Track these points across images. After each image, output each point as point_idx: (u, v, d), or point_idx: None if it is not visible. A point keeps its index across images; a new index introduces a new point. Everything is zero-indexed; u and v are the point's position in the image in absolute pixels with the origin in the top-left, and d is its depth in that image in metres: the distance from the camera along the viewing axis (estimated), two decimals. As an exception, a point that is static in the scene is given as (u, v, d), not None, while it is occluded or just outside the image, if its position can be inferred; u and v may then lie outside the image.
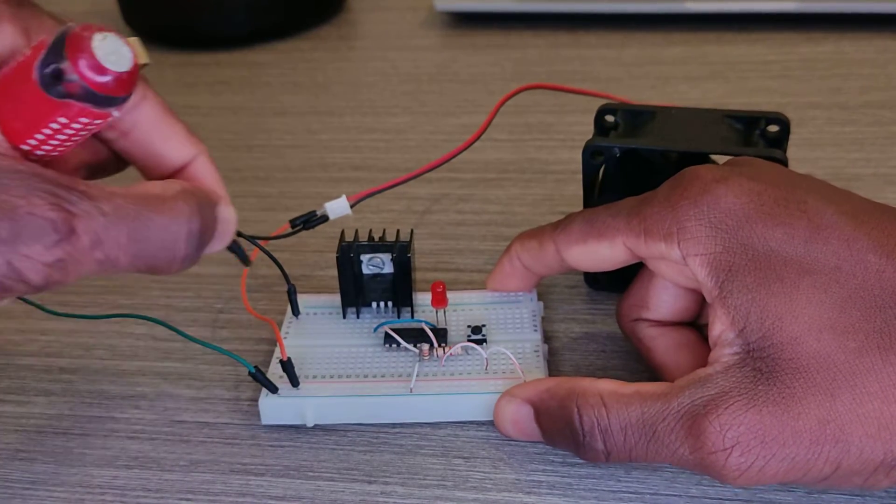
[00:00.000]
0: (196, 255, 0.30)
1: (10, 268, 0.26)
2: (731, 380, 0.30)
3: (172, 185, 0.30)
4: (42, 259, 0.26)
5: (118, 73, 0.26)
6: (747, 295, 0.30)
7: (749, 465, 0.29)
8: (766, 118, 0.40)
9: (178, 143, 0.32)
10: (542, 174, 0.52)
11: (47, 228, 0.26)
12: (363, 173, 0.54)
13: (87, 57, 0.26)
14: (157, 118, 0.31)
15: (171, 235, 0.29)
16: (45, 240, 0.26)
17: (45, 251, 0.26)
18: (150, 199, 0.29)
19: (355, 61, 0.69)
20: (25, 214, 0.25)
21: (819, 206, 0.31)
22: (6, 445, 0.37)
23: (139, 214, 0.28)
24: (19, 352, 0.42)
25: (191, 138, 0.32)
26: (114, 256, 0.28)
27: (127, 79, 0.27)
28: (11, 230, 0.25)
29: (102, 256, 0.27)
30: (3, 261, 0.26)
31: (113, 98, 0.27)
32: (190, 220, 0.29)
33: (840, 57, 0.62)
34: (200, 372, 0.40)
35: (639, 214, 0.34)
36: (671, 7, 0.67)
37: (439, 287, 0.38)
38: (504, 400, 0.35)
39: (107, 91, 0.26)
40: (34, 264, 0.26)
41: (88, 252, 0.27)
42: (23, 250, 0.26)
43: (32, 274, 0.26)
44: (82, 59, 0.26)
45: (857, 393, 0.28)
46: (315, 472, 0.35)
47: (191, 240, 0.30)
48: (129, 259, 0.28)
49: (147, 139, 0.32)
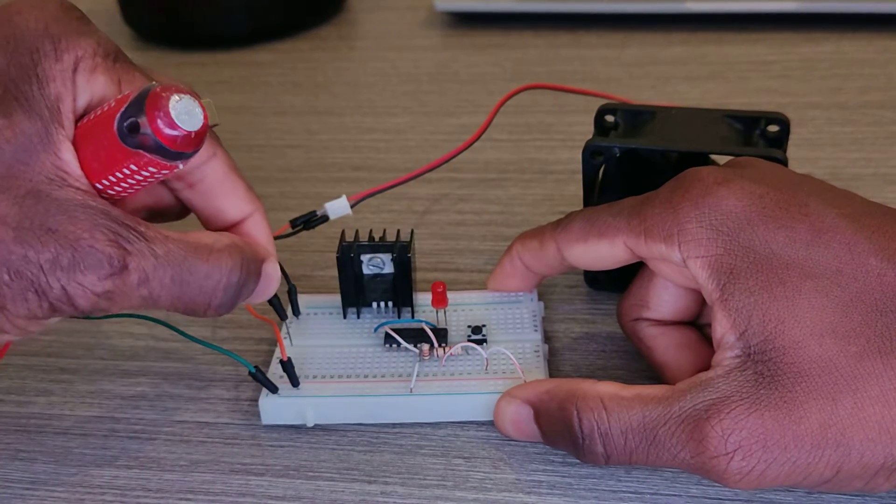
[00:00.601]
0: (231, 305, 0.33)
1: (63, 292, 0.28)
2: (732, 384, 0.30)
3: (223, 238, 0.33)
4: (93, 288, 0.29)
5: (188, 131, 0.29)
6: (749, 298, 0.30)
7: (750, 469, 0.29)
8: (766, 118, 0.40)
9: (238, 200, 0.35)
10: (542, 174, 0.52)
11: (103, 262, 0.28)
12: (363, 173, 0.54)
13: (163, 115, 0.28)
14: (223, 175, 0.34)
15: (211, 283, 0.31)
16: (99, 272, 0.28)
17: (98, 282, 0.29)
18: (200, 247, 0.31)
19: (355, 61, 0.69)
20: (87, 247, 0.28)
21: (820, 209, 0.31)
22: (6, 445, 0.37)
23: (186, 260, 0.31)
24: (19, 352, 0.42)
25: (250, 196, 0.35)
26: (156, 295, 0.30)
27: (195, 138, 0.29)
28: (72, 259, 0.28)
29: (147, 293, 0.30)
30: (58, 285, 0.28)
31: (181, 153, 0.29)
32: (231, 273, 0.32)
33: (840, 57, 0.62)
34: (200, 372, 0.40)
35: (640, 214, 0.34)
36: (671, 7, 0.67)
37: (439, 287, 0.38)
38: (504, 400, 0.35)
39: (176, 146, 0.29)
40: (85, 292, 0.29)
41: (135, 288, 0.29)
42: (78, 278, 0.28)
43: (82, 300, 0.29)
44: (158, 117, 0.28)
45: (858, 397, 0.28)
46: (315, 472, 0.35)
47: (227, 290, 0.32)
48: (169, 299, 0.31)
49: (210, 193, 0.34)
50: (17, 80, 0.29)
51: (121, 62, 0.32)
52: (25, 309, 0.29)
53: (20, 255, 0.28)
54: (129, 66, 0.32)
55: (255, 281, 0.34)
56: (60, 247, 0.28)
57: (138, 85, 0.31)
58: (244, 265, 0.33)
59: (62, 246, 0.28)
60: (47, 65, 0.30)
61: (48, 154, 0.29)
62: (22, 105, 0.29)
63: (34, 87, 0.29)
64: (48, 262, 0.28)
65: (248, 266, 0.33)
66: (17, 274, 0.28)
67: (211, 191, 0.34)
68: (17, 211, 0.28)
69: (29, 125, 0.29)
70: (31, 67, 0.29)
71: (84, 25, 0.31)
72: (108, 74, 0.31)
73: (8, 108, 0.29)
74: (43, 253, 0.28)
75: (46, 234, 0.28)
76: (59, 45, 0.30)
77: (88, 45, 0.31)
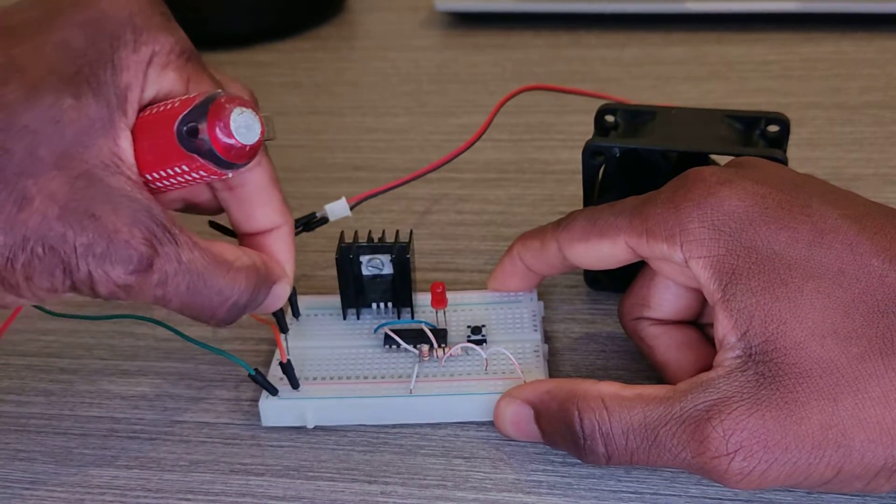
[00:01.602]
0: (233, 321, 0.33)
1: (88, 276, 0.29)
2: (733, 384, 0.30)
3: (245, 257, 0.33)
4: (116, 279, 0.29)
5: (243, 144, 0.30)
6: (751, 299, 0.30)
7: (751, 469, 0.29)
8: (766, 118, 0.40)
9: (272, 211, 0.35)
10: (542, 174, 0.52)
11: (133, 258, 0.29)
12: (363, 173, 0.54)
13: (222, 126, 0.29)
14: (264, 184, 0.35)
15: (220, 299, 0.32)
16: (126, 266, 0.29)
17: (122, 275, 0.29)
18: (221, 262, 0.32)
19: (356, 61, 0.69)
20: (122, 241, 0.29)
21: (823, 210, 0.31)
22: (6, 445, 0.37)
23: (205, 271, 0.31)
24: (19, 352, 0.42)
25: (284, 209, 0.36)
26: (169, 297, 0.31)
27: (249, 151, 0.30)
28: (105, 249, 0.29)
29: (161, 294, 0.31)
30: (86, 269, 0.29)
31: (233, 164, 0.30)
32: (241, 294, 0.33)
33: (840, 57, 0.62)
34: (200, 372, 0.40)
35: (641, 214, 0.34)
36: (671, 7, 0.67)
37: (439, 288, 0.38)
38: (504, 401, 0.35)
39: (229, 157, 0.30)
40: (109, 281, 0.29)
41: (153, 287, 0.30)
42: (106, 267, 0.29)
43: (102, 288, 0.30)
44: (217, 126, 0.29)
45: (859, 398, 0.28)
46: (315, 473, 0.35)
47: (232, 309, 0.33)
48: (179, 304, 0.31)
49: (248, 199, 0.35)
50: (94, 64, 0.30)
51: (193, 62, 0.33)
52: (49, 283, 0.29)
53: (59, 234, 0.28)
54: (201, 68, 0.33)
55: (262, 299, 0.34)
56: (98, 235, 0.29)
57: (205, 87, 0.32)
58: (256, 288, 0.33)
59: (100, 234, 0.29)
60: (124, 54, 0.30)
61: (108, 140, 0.30)
62: (93, 88, 0.30)
63: (108, 72, 0.30)
64: (83, 246, 0.29)
65: (260, 288, 0.34)
66: (51, 250, 0.29)
67: (249, 197, 0.35)
68: (67, 190, 0.29)
69: (95, 109, 0.29)
70: (109, 53, 0.30)
71: (166, 21, 0.32)
72: (178, 72, 0.32)
73: (79, 90, 0.29)
74: (81, 236, 0.29)
75: (89, 219, 0.29)
76: (139, 36, 0.31)
77: (167, 41, 0.32)
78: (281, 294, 0.35)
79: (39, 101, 0.29)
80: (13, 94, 0.28)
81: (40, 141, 0.28)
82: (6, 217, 0.28)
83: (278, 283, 0.35)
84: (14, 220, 0.28)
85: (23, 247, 0.28)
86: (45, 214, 0.28)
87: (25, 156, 0.28)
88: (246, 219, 0.35)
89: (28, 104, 0.28)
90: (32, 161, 0.28)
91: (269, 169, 0.35)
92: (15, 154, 0.28)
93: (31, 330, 0.43)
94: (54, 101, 0.29)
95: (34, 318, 0.42)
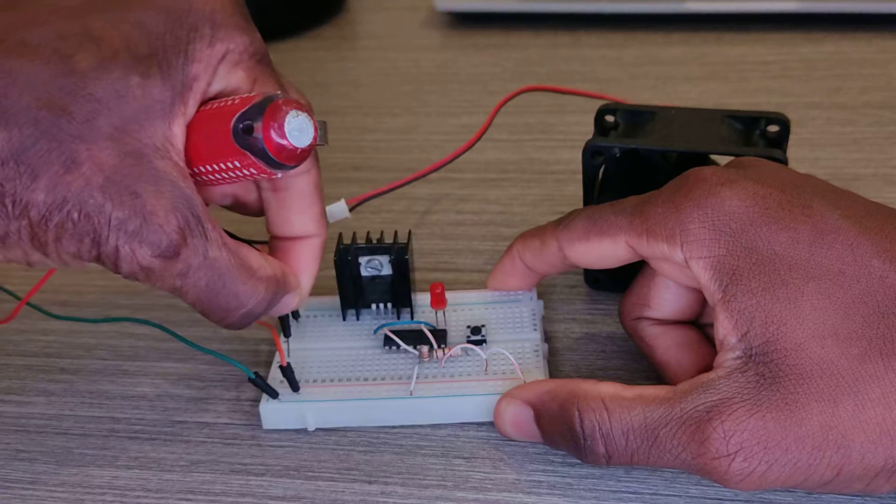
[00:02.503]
0: (242, 327, 0.34)
1: (115, 251, 0.29)
2: (733, 385, 0.30)
3: (268, 267, 0.34)
4: (141, 260, 0.30)
5: (295, 147, 0.30)
6: (752, 299, 0.30)
7: (752, 470, 0.29)
8: (766, 118, 0.40)
9: (310, 220, 0.36)
10: (542, 174, 0.52)
11: (162, 242, 0.30)
12: (364, 173, 0.54)
13: (277, 127, 0.30)
14: (308, 192, 0.35)
15: (235, 303, 0.32)
16: (154, 249, 0.30)
17: (148, 256, 0.30)
18: (245, 267, 0.32)
19: (356, 61, 0.69)
20: (156, 223, 0.29)
21: (823, 210, 0.31)
22: (6, 445, 0.37)
23: (227, 273, 0.32)
24: (19, 352, 0.42)
25: (321, 220, 0.36)
26: (186, 290, 0.31)
27: (300, 154, 0.31)
28: (138, 227, 0.29)
29: (180, 284, 0.31)
30: (115, 243, 0.29)
31: (283, 164, 0.31)
32: (256, 304, 0.33)
33: (840, 57, 0.62)
34: (200, 372, 0.40)
35: (642, 214, 0.34)
36: (671, 7, 0.67)
37: (438, 288, 0.38)
38: (504, 401, 0.35)
39: (280, 157, 0.30)
40: (133, 260, 0.30)
41: (174, 276, 0.31)
42: (134, 245, 0.29)
43: (125, 264, 0.30)
44: (272, 127, 0.30)
45: (859, 399, 0.28)
46: (315, 473, 0.35)
47: (245, 317, 0.33)
48: (193, 297, 0.32)
49: (290, 203, 0.35)
50: (168, 49, 0.31)
51: (263, 64, 0.33)
52: (76, 248, 0.29)
53: (98, 203, 0.29)
54: (269, 70, 0.34)
55: (272, 307, 0.34)
56: (134, 212, 0.29)
57: (269, 88, 0.33)
58: (273, 299, 0.34)
59: (136, 212, 0.29)
60: (199, 46, 0.31)
61: (163, 123, 0.30)
62: (162, 71, 0.30)
63: (180, 60, 0.31)
64: (117, 220, 0.29)
65: (276, 299, 0.34)
66: (87, 217, 0.29)
67: (291, 201, 0.35)
68: (116, 162, 0.29)
69: (160, 91, 0.30)
70: (185, 43, 0.31)
71: (245, 21, 0.33)
72: (248, 72, 0.33)
73: (148, 70, 0.30)
74: (118, 210, 0.29)
75: (129, 196, 0.29)
76: (216, 32, 0.32)
77: (242, 41, 0.32)
78: (289, 304, 0.35)
79: (108, 73, 0.29)
80: (85, 62, 0.29)
81: (101, 111, 0.29)
82: (52, 175, 0.28)
83: (290, 293, 0.35)
84: (59, 180, 0.28)
85: (60, 208, 0.29)
86: (89, 181, 0.29)
87: (84, 122, 0.29)
88: (283, 222, 0.36)
89: (97, 73, 0.29)
90: (89, 128, 0.29)
91: (316, 177, 0.35)
92: (75, 118, 0.29)
93: (32, 330, 0.43)
94: (122, 75, 0.29)
95: (34, 319, 0.42)
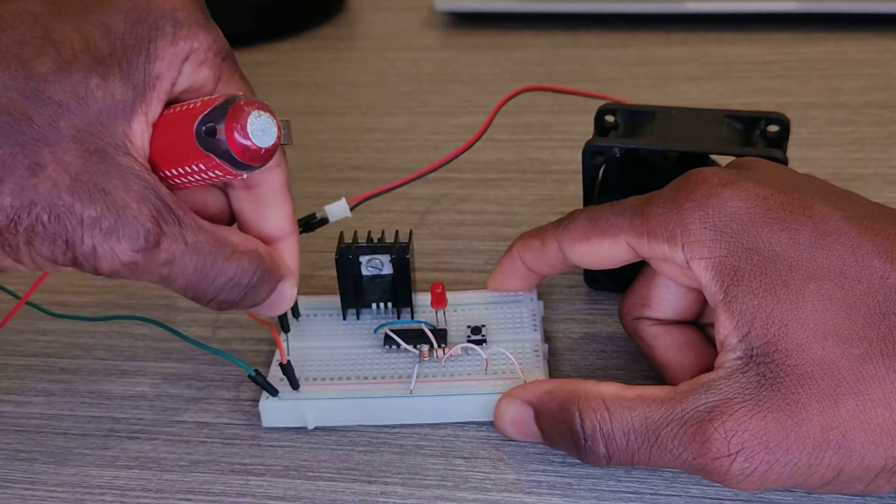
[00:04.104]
0: (234, 303, 0.34)
1: (92, 251, 0.29)
2: (734, 385, 0.30)
3: (248, 242, 0.34)
4: (122, 257, 0.30)
5: (259, 147, 0.31)
6: (752, 300, 0.30)
7: (753, 470, 0.29)
8: (766, 118, 0.40)
9: (283, 217, 0.36)
10: (542, 174, 0.52)
11: (140, 235, 0.30)
12: (363, 173, 0.54)
13: (239, 128, 0.30)
14: (279, 187, 0.35)
15: (223, 280, 0.33)
16: (134, 243, 0.30)
17: (128, 252, 0.30)
18: (225, 244, 0.32)
19: (355, 61, 0.69)
20: (130, 217, 0.30)
21: (825, 211, 0.31)
22: (6, 445, 0.37)
23: (210, 253, 0.32)
24: (19, 352, 0.42)
25: (293, 217, 0.36)
26: (174, 277, 0.31)
27: (264, 154, 0.31)
28: (113, 224, 0.29)
29: (167, 273, 0.31)
30: (91, 243, 0.29)
31: (248, 165, 0.31)
32: (242, 274, 0.33)
33: (840, 57, 0.62)
34: (200, 372, 0.40)
35: (643, 214, 0.34)
36: (671, 7, 0.67)
37: (438, 288, 0.38)
38: (504, 401, 0.35)
39: (244, 158, 0.30)
40: (114, 258, 0.30)
41: (159, 266, 0.31)
42: (111, 243, 0.29)
43: (106, 264, 0.30)
44: (234, 128, 0.30)
45: (860, 400, 0.28)
46: (315, 473, 0.35)
47: (234, 289, 0.33)
48: (183, 283, 0.32)
49: (263, 200, 0.35)
50: (129, 49, 0.31)
51: (228, 62, 0.34)
52: (49, 251, 0.29)
53: (67, 204, 0.29)
54: (233, 68, 0.34)
55: (266, 291, 0.34)
56: (107, 209, 0.29)
57: (234, 86, 0.34)
58: (258, 271, 0.34)
59: (108, 209, 0.29)
60: (161, 45, 0.31)
61: (125, 121, 0.30)
62: (122, 71, 0.30)
63: (141, 58, 0.31)
64: (90, 219, 0.29)
65: (263, 275, 0.34)
66: (57, 219, 0.29)
67: (263, 198, 0.35)
68: (81, 163, 0.29)
69: (121, 91, 0.30)
70: (146, 42, 0.31)
71: (206, 20, 0.33)
72: (212, 70, 0.33)
73: (108, 71, 0.30)
74: (89, 209, 0.29)
75: (98, 193, 0.29)
76: (179, 31, 0.32)
77: (206, 39, 0.33)
78: (288, 293, 0.35)
79: (68, 76, 0.29)
80: (45, 67, 0.29)
81: (62, 113, 0.29)
82: (17, 179, 0.28)
83: (285, 280, 0.35)
84: (25, 183, 0.29)
85: (29, 210, 0.29)
86: (56, 182, 0.29)
87: (46, 125, 0.29)
88: (258, 219, 0.36)
89: (57, 77, 0.29)
90: (52, 131, 0.29)
91: (286, 173, 0.36)
92: (36, 122, 0.29)
93: (31, 330, 0.43)
94: (82, 78, 0.30)
95: (34, 319, 0.42)
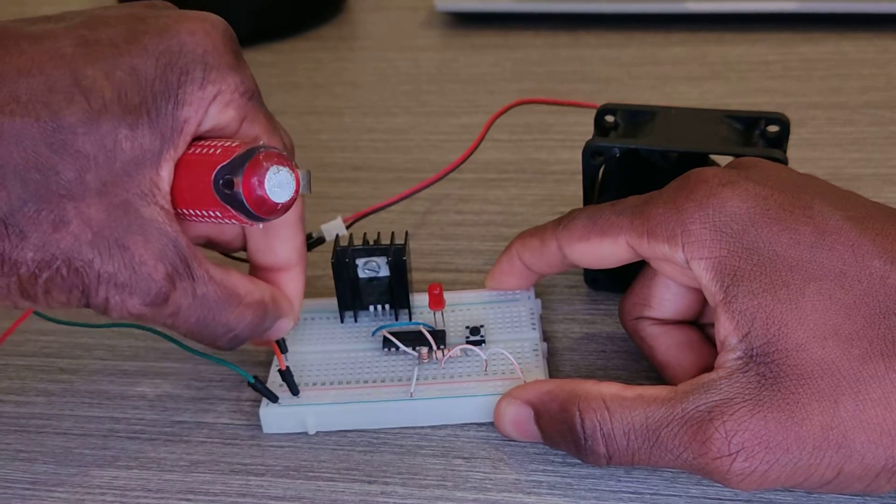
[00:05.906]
0: (232, 349, 0.34)
1: (104, 301, 0.30)
2: (735, 385, 0.30)
3: (256, 291, 0.34)
4: (131, 309, 0.30)
5: (275, 202, 0.30)
6: (752, 300, 0.30)
7: (753, 469, 0.29)
8: (766, 118, 0.40)
9: (292, 250, 0.36)
10: (542, 174, 0.52)
11: (152, 291, 0.30)
12: (363, 173, 0.54)
13: (257, 183, 0.30)
14: (292, 222, 0.36)
15: (223, 329, 0.33)
16: (144, 298, 0.30)
17: (138, 304, 0.30)
18: (232, 296, 0.33)
19: (355, 61, 0.69)
20: (145, 274, 0.30)
21: (825, 211, 0.31)
22: (6, 445, 0.37)
23: (215, 306, 0.32)
24: (19, 352, 0.42)
25: (302, 250, 0.37)
26: (178, 325, 0.32)
27: (280, 208, 0.31)
28: (128, 279, 0.30)
29: (171, 323, 0.32)
30: (104, 295, 0.30)
31: (263, 218, 0.31)
32: (245, 329, 0.34)
33: (840, 57, 0.62)
34: (200, 372, 0.40)
35: (643, 214, 0.34)
36: (671, 7, 0.67)
37: (436, 289, 0.38)
38: (504, 401, 0.35)
39: (260, 212, 0.30)
40: (123, 308, 0.30)
41: (164, 317, 0.31)
42: (123, 296, 0.30)
43: (115, 313, 0.31)
44: (252, 183, 0.30)
45: (860, 400, 0.28)
46: (315, 473, 0.35)
47: (233, 340, 0.34)
48: (185, 330, 0.32)
49: (273, 232, 0.36)
50: (158, 96, 0.30)
51: (253, 102, 0.33)
52: (65, 299, 0.30)
53: (87, 259, 0.29)
54: (258, 108, 0.34)
55: (265, 330, 0.35)
56: (124, 265, 0.30)
57: (258, 127, 0.33)
58: (261, 323, 0.34)
59: (125, 265, 0.30)
60: (190, 89, 0.31)
61: (151, 169, 0.30)
62: (151, 119, 0.30)
63: (170, 105, 0.31)
64: (107, 274, 0.29)
65: (265, 323, 0.34)
66: (76, 272, 0.29)
67: (274, 230, 0.35)
68: (104, 217, 0.29)
69: (149, 141, 0.30)
70: (175, 87, 0.31)
71: (236, 60, 0.33)
72: (237, 111, 0.33)
73: (137, 120, 0.30)
74: (107, 265, 0.29)
75: (118, 249, 0.30)
76: (208, 75, 0.32)
77: (233, 81, 0.32)
78: (284, 328, 0.36)
79: (98, 127, 0.29)
80: (74, 117, 0.29)
81: (89, 167, 0.29)
82: (41, 235, 0.29)
83: (285, 318, 0.35)
84: (48, 238, 0.29)
85: (49, 265, 0.29)
86: (77, 238, 0.29)
87: (73, 179, 0.29)
88: (266, 250, 0.36)
89: (86, 129, 0.29)
90: (78, 185, 0.29)
91: (299, 208, 0.36)
92: (63, 176, 0.29)
93: (31, 330, 0.43)
94: (111, 129, 0.29)
95: (34, 319, 0.42)
